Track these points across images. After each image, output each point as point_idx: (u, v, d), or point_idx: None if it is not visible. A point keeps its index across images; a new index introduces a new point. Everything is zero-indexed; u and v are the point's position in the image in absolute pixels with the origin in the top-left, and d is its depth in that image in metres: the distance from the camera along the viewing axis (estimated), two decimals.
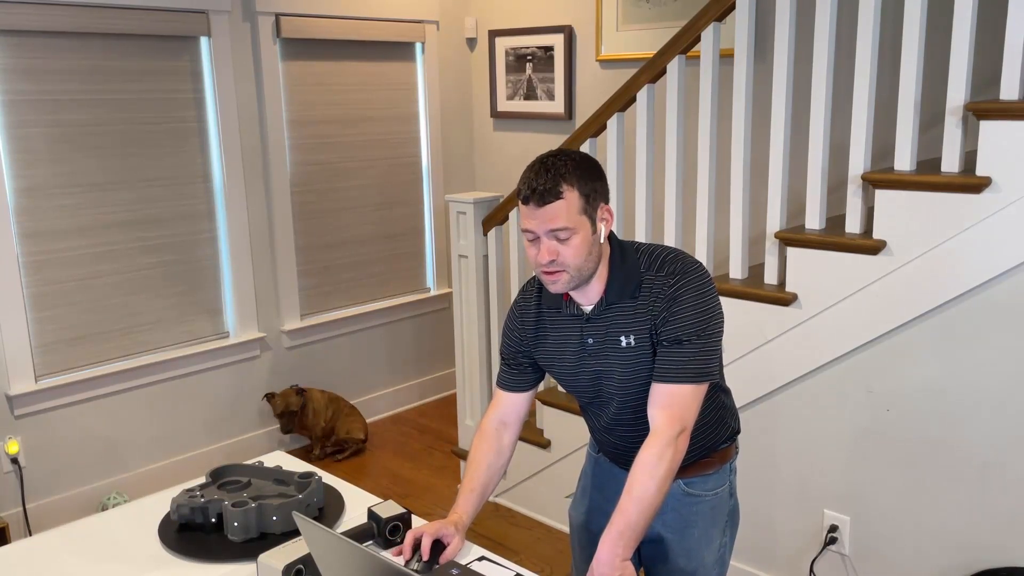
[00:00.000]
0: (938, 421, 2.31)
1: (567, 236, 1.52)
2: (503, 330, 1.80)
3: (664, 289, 1.57)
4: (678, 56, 2.69)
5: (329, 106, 4.14)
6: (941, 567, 2.38)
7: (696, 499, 1.75)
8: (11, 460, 3.28)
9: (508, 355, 1.78)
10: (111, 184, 3.46)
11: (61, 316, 3.38)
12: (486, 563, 1.64)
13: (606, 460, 1.84)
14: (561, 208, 1.50)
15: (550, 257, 1.53)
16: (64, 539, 1.77)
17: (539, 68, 4.30)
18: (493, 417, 1.79)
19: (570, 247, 1.53)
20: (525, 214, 1.54)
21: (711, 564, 1.79)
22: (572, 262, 1.54)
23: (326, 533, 1.22)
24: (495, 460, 1.77)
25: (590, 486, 1.88)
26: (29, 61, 3.21)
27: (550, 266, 1.54)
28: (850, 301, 2.40)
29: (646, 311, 1.58)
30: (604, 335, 1.62)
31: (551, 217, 1.50)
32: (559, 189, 1.50)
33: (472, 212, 3.38)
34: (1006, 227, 2.11)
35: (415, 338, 4.68)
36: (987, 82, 2.93)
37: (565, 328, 1.67)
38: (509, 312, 1.78)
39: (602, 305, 1.61)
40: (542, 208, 1.50)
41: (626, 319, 1.60)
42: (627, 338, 1.60)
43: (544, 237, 1.53)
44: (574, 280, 1.57)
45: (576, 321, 1.65)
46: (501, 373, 1.80)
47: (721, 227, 3.30)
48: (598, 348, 1.63)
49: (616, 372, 1.62)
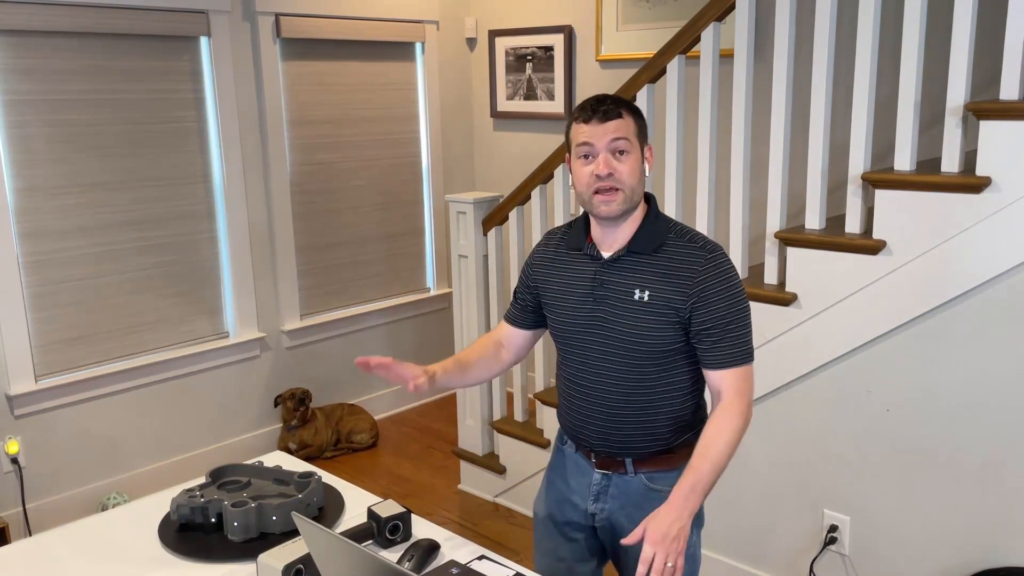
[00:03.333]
0: (938, 421, 2.31)
1: (625, 150, 1.61)
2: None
3: (699, 264, 1.62)
4: (678, 56, 2.69)
5: (329, 106, 4.14)
6: (941, 567, 2.38)
7: (659, 494, 1.74)
8: (11, 460, 3.28)
9: (518, 291, 1.88)
10: (111, 184, 3.46)
11: (61, 316, 3.39)
12: (486, 563, 1.64)
13: (572, 450, 1.84)
14: (624, 124, 1.61)
15: (608, 169, 1.60)
16: (64, 539, 1.77)
17: (539, 68, 4.30)
18: (493, 335, 1.91)
19: (626, 164, 1.61)
20: (585, 133, 1.62)
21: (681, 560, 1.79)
22: (628, 180, 1.61)
23: (325, 533, 1.22)
24: (487, 358, 1.87)
25: (555, 478, 1.89)
26: (29, 61, 3.21)
27: (608, 180, 1.60)
28: (850, 301, 2.40)
29: (670, 276, 1.63)
30: (618, 284, 1.66)
31: (614, 129, 1.60)
32: (620, 110, 1.62)
33: (472, 212, 3.38)
34: (1006, 227, 2.11)
35: (415, 338, 4.68)
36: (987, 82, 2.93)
37: (580, 269, 1.72)
38: (532, 251, 1.86)
39: (624, 252, 1.66)
40: (604, 124, 1.60)
41: (644, 274, 1.65)
42: (641, 292, 1.64)
43: (604, 152, 1.60)
44: (627, 202, 1.63)
45: (593, 264, 1.70)
46: (509, 308, 1.91)
47: (721, 227, 3.30)
48: (608, 295, 1.67)
49: (618, 322, 1.66)
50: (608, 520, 1.79)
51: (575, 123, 1.65)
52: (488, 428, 3.61)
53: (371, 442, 4.14)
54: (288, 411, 3.95)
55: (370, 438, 4.12)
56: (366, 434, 4.11)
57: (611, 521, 1.79)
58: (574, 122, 1.65)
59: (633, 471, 1.75)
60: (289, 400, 3.94)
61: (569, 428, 1.83)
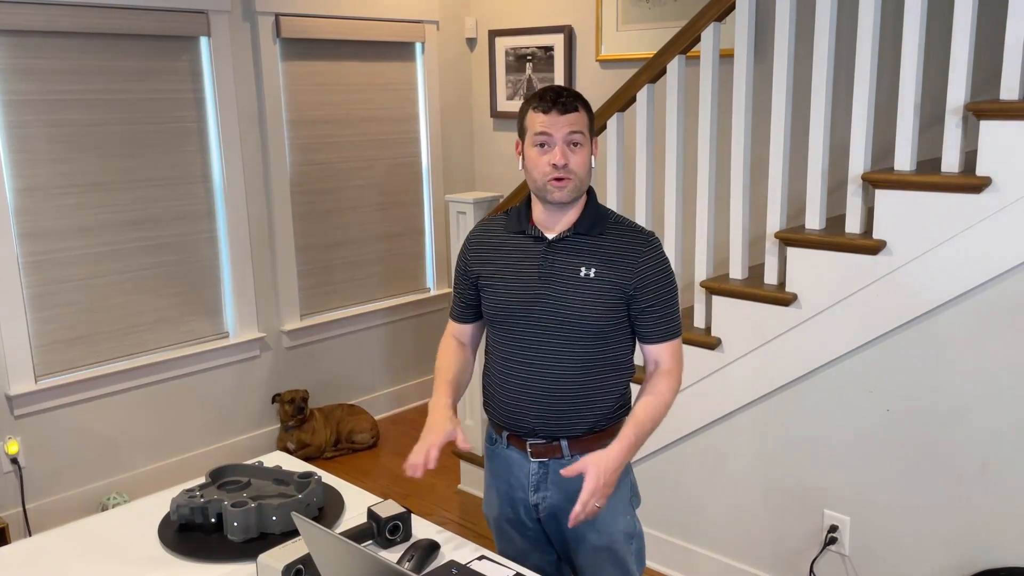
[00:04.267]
0: (938, 421, 2.31)
1: (580, 142, 1.70)
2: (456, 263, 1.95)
3: (642, 247, 1.75)
4: (678, 56, 2.69)
5: (329, 106, 4.14)
6: (941, 567, 2.38)
7: None
8: (11, 460, 3.28)
9: (458, 287, 1.94)
10: (111, 184, 3.46)
11: (61, 316, 3.39)
12: (486, 563, 1.64)
13: (504, 447, 1.86)
14: (579, 118, 1.70)
15: (564, 160, 1.68)
16: (64, 539, 1.77)
17: (539, 68, 4.30)
18: (451, 339, 1.96)
19: (579, 156, 1.71)
20: (544, 123, 1.69)
21: (623, 539, 1.83)
22: (579, 171, 1.71)
23: (325, 533, 1.22)
24: (462, 362, 1.93)
25: (494, 479, 1.92)
26: (30, 61, 3.21)
27: (563, 171, 1.69)
28: (850, 301, 2.40)
29: (615, 257, 1.74)
30: (564, 262, 1.75)
31: (571, 122, 1.69)
32: (576, 104, 1.71)
33: (472, 212, 3.38)
34: (1006, 227, 2.11)
35: (415, 338, 4.68)
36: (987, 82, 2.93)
37: (523, 250, 1.79)
38: (465, 241, 1.91)
39: (570, 233, 1.75)
40: (564, 115, 1.68)
41: (589, 253, 1.74)
42: (587, 270, 1.73)
43: (561, 143, 1.69)
44: (576, 191, 1.72)
45: (537, 244, 1.78)
46: (452, 307, 1.98)
47: (721, 227, 3.30)
48: (554, 272, 1.74)
49: (564, 298, 1.73)
50: (550, 509, 1.83)
51: (532, 111, 1.71)
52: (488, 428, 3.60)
53: (372, 442, 4.14)
54: (286, 413, 3.94)
55: (371, 438, 4.12)
56: (367, 434, 4.11)
57: (553, 510, 1.82)
58: (531, 110, 1.71)
59: (569, 453, 1.79)
60: (288, 405, 3.93)
61: (503, 417, 1.84)
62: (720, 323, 2.69)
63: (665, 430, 2.84)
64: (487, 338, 1.90)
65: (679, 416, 2.80)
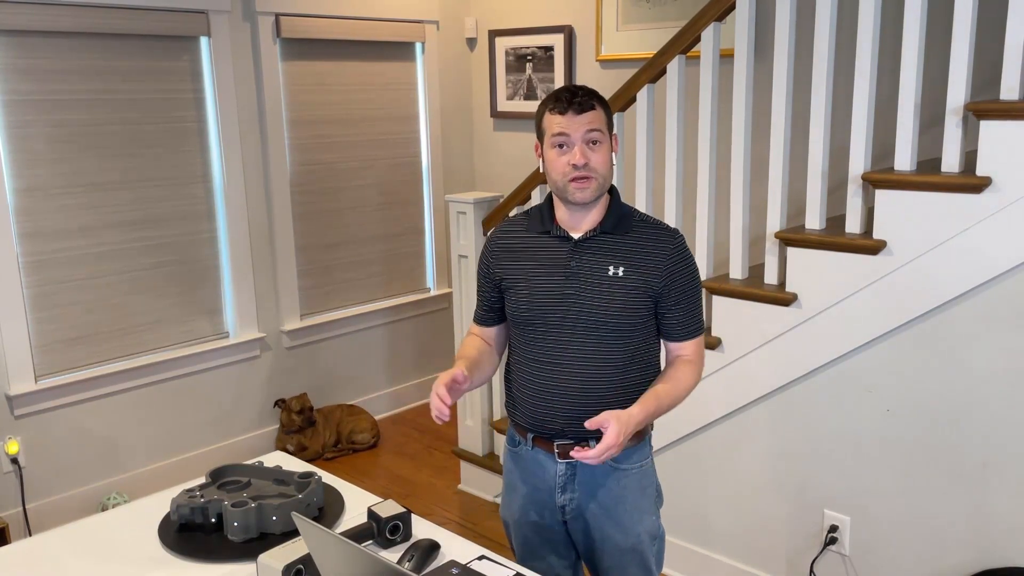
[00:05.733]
0: (938, 421, 2.31)
1: (599, 140, 1.70)
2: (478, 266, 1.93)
3: (670, 246, 1.75)
4: (678, 56, 2.69)
5: (329, 106, 4.15)
6: (941, 567, 2.38)
7: (623, 473, 1.80)
8: (11, 460, 3.28)
9: (481, 290, 1.92)
10: (111, 184, 3.46)
11: (61, 316, 3.39)
12: (486, 563, 1.64)
13: (529, 448, 1.85)
14: (596, 116, 1.70)
15: (584, 159, 1.67)
16: (64, 539, 1.77)
17: (539, 68, 4.30)
18: (473, 335, 1.94)
19: (599, 154, 1.70)
20: (561, 123, 1.69)
21: (648, 540, 1.83)
22: (600, 169, 1.70)
23: (325, 533, 1.22)
24: (485, 352, 1.88)
25: (518, 481, 1.89)
26: (30, 61, 3.21)
27: (584, 170, 1.68)
28: (850, 301, 2.40)
29: (644, 255, 1.74)
30: (592, 261, 1.74)
31: (589, 121, 1.68)
32: (593, 102, 1.70)
33: (472, 212, 3.38)
34: (1006, 227, 2.11)
35: (415, 338, 4.68)
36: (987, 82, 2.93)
37: (549, 250, 1.78)
38: (485, 244, 1.89)
39: (596, 232, 1.75)
40: (580, 115, 1.68)
41: (617, 251, 1.74)
42: (616, 268, 1.73)
43: (579, 143, 1.68)
44: (599, 189, 1.72)
45: (563, 244, 1.77)
46: (476, 311, 1.95)
47: (721, 227, 3.29)
48: (581, 271, 1.74)
49: (592, 296, 1.73)
50: (578, 510, 1.82)
51: (549, 113, 1.71)
52: (488, 428, 3.61)
53: (372, 442, 4.14)
54: (292, 422, 3.93)
55: (371, 438, 4.12)
56: (367, 434, 4.11)
57: (581, 511, 1.82)
58: (548, 112, 1.71)
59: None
60: (298, 415, 3.92)
61: (528, 419, 1.82)
62: (720, 323, 2.69)
63: (665, 430, 2.84)
64: (510, 341, 1.88)
65: (679, 416, 2.80)
